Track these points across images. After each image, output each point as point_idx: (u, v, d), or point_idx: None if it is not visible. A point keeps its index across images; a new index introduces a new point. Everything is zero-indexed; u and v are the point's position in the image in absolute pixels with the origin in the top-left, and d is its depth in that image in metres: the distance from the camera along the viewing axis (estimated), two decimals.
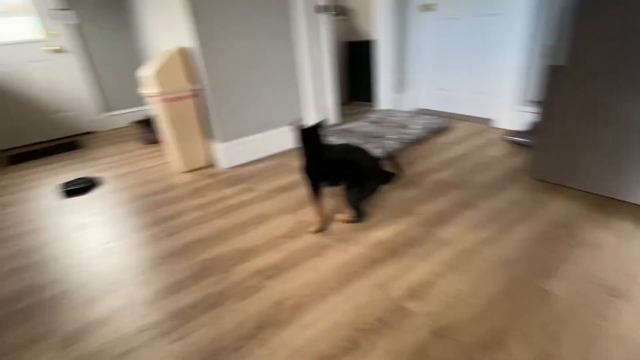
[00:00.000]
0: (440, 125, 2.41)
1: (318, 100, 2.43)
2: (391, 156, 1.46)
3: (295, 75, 2.25)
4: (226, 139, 2.06)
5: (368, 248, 1.26)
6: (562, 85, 1.37)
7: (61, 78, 3.17)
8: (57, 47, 3.06)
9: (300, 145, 1.21)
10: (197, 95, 2.01)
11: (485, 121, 2.55)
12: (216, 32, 1.88)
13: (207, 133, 2.10)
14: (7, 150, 3.08)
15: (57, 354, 0.96)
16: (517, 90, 2.22)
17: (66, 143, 3.07)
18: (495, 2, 2.30)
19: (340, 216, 1.34)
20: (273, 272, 1.19)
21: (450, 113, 2.83)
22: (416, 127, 2.35)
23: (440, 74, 2.85)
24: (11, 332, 1.04)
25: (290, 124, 1.95)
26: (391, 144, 2.07)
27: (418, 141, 2.23)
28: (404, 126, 2.40)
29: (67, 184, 2.04)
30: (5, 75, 2.93)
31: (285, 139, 2.30)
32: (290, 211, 1.53)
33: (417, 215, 1.41)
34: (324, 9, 2.29)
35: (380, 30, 2.80)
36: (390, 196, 1.57)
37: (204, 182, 1.91)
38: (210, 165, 2.13)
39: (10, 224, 1.66)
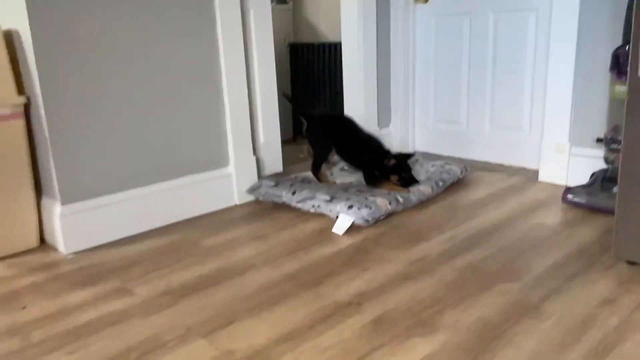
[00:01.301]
0: (458, 176, 2.46)
1: (247, 135, 2.35)
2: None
3: (215, 94, 2.21)
4: (76, 197, 1.89)
5: None
6: None
7: None
8: None
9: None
10: (23, 115, 1.84)
11: (523, 171, 2.64)
12: (69, 4, 1.76)
13: (38, 186, 1.95)
14: None
15: None
16: (572, 124, 2.35)
17: None
18: None
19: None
20: None
21: (463, 159, 2.90)
22: (419, 180, 2.34)
23: (444, 100, 2.97)
24: None
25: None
26: (382, 204, 2.03)
27: (424, 201, 2.24)
28: None
29: None
30: None
31: (190, 197, 2.17)
32: (201, 332, 1.33)
33: (446, 330, 1.27)
34: None
35: (347, 29, 2.90)
36: (395, 293, 1.46)
37: (25, 281, 1.69)
38: (41, 246, 1.95)
39: None
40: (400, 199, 2.11)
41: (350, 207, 1.98)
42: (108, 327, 1.37)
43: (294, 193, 2.19)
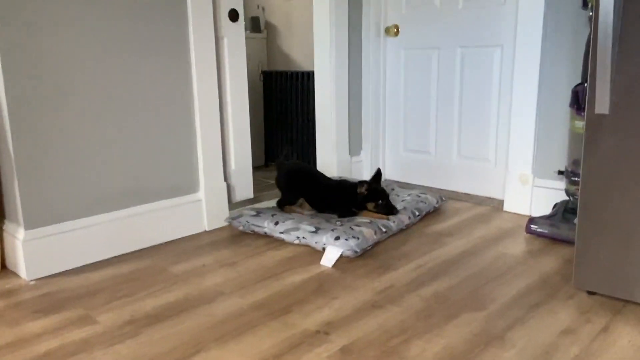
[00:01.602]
0: (433, 205, 2.52)
1: (218, 161, 2.35)
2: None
3: (186, 119, 2.22)
4: (40, 221, 1.86)
5: None
6: (607, 143, 1.48)
7: None
8: None
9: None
10: None
11: (489, 201, 2.70)
12: (40, 27, 1.76)
13: (1, 210, 1.94)
14: None
15: None
16: (535, 156, 2.43)
17: None
18: (491, 29, 2.62)
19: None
20: None
21: (432, 188, 2.95)
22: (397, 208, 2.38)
23: (413, 130, 3.03)
24: None
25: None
26: (368, 235, 2.04)
27: (403, 229, 2.28)
28: None
29: None
30: None
31: (158, 223, 2.16)
32: None
33: None
34: (236, 15, 2.35)
35: (320, 59, 2.95)
36: (363, 322, 1.47)
37: None
38: (2, 272, 1.93)
39: None
40: (383, 228, 2.13)
41: (337, 238, 1.97)
42: (69, 357, 1.33)
43: (276, 223, 2.17)
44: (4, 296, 1.71)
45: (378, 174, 2.33)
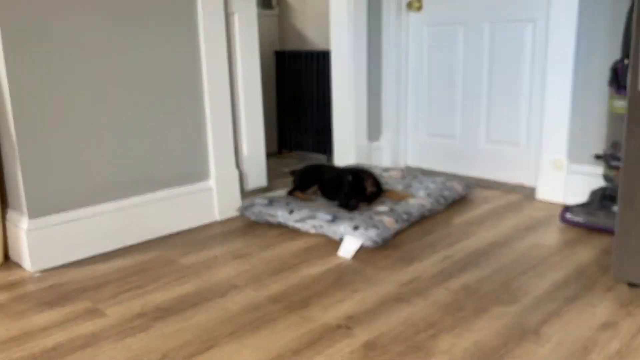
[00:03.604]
0: (460, 193, 2.51)
1: (230, 147, 2.35)
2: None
3: (195, 102, 2.22)
4: (45, 210, 1.88)
5: None
6: None
7: None
8: None
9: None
10: None
11: (520, 189, 2.68)
12: (42, 11, 1.77)
13: (4, 199, 1.95)
14: None
15: None
16: (570, 139, 2.40)
17: None
18: (522, 2, 2.59)
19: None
20: None
21: (457, 175, 2.93)
22: (419, 196, 2.38)
23: (437, 113, 3.01)
24: None
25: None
26: (389, 223, 2.04)
27: (421, 218, 2.27)
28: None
29: None
30: None
31: (167, 212, 2.18)
32: (178, 358, 1.33)
33: (441, 355, 1.28)
34: None
35: (337, 36, 2.94)
36: (387, 316, 1.47)
37: None
38: (5, 263, 1.94)
39: None
40: (405, 216, 2.13)
41: (355, 227, 1.97)
42: (77, 350, 1.35)
43: (291, 212, 2.18)
44: (8, 288, 1.73)
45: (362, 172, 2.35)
